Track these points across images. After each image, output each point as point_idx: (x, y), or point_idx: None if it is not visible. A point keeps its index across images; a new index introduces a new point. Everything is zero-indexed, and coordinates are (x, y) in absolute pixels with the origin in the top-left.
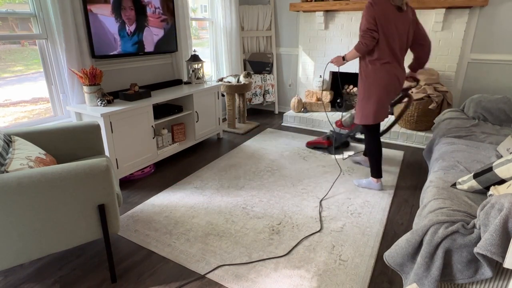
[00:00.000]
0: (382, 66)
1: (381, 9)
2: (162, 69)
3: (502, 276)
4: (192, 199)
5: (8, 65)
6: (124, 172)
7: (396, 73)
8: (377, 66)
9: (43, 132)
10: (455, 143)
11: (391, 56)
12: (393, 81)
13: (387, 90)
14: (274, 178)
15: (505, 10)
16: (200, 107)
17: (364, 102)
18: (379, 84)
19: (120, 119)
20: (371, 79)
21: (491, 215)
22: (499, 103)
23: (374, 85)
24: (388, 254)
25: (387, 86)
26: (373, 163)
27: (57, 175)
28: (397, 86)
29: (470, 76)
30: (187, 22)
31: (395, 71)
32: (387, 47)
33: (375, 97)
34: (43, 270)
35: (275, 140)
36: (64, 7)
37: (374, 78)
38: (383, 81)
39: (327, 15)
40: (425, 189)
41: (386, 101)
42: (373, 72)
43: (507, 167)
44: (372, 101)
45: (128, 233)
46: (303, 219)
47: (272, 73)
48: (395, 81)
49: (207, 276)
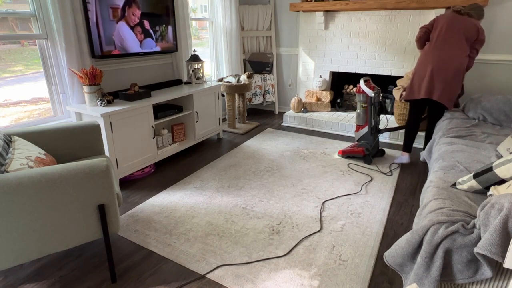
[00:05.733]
0: (424, 55)
1: (442, 16)
2: (162, 69)
3: (502, 276)
4: (192, 199)
5: (8, 65)
6: (124, 172)
7: (433, 63)
8: (422, 54)
9: (43, 132)
10: (455, 143)
11: (438, 46)
12: (423, 68)
13: (417, 72)
14: (274, 178)
15: (505, 10)
16: (200, 107)
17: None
18: (415, 68)
19: (120, 119)
20: (417, 63)
21: (491, 215)
22: (499, 103)
23: (415, 68)
24: (388, 254)
25: (417, 69)
26: (404, 138)
27: (57, 175)
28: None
29: (470, 76)
30: (187, 22)
31: (434, 61)
32: (437, 40)
33: (411, 77)
34: (43, 270)
35: (275, 140)
36: (64, 7)
37: (417, 63)
38: (417, 65)
39: (327, 15)
40: (425, 189)
41: (417, 82)
42: (419, 58)
43: (507, 167)
44: (410, 81)
45: (128, 233)
46: (303, 219)
47: (272, 73)
48: (424, 68)
49: (207, 276)
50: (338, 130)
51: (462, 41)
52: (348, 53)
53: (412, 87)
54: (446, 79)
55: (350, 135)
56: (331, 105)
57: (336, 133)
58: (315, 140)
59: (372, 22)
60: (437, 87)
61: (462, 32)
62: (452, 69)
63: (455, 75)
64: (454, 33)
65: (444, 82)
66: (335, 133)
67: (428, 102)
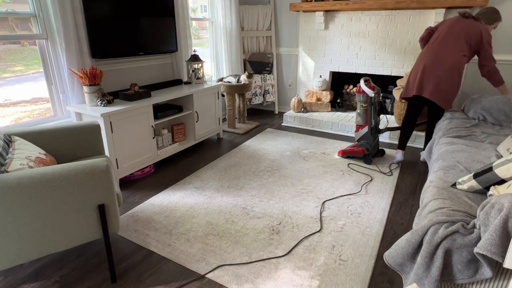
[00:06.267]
0: (421, 52)
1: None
2: (162, 69)
3: (502, 276)
4: (192, 199)
5: (8, 65)
6: (124, 172)
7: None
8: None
9: (43, 132)
10: (455, 143)
11: (435, 45)
12: (417, 66)
13: (413, 71)
14: (274, 178)
15: (505, 10)
16: (200, 107)
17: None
18: (412, 67)
19: (120, 119)
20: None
21: (491, 215)
22: (499, 103)
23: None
24: (388, 254)
25: (413, 67)
26: (399, 135)
27: (57, 175)
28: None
29: (470, 76)
30: (187, 22)
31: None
32: (436, 39)
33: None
34: (43, 270)
35: (275, 140)
36: (64, 7)
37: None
38: (414, 63)
39: (327, 15)
40: (425, 189)
41: (412, 79)
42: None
43: (507, 167)
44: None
45: (128, 233)
46: (303, 219)
47: (272, 73)
48: (418, 67)
49: (207, 276)
50: (338, 130)
51: (460, 43)
52: (348, 53)
53: (408, 85)
54: (437, 75)
55: (350, 135)
56: (331, 105)
57: (336, 133)
58: (315, 140)
59: (372, 22)
60: (427, 84)
61: (462, 35)
62: (445, 67)
63: (448, 72)
64: (453, 35)
65: (436, 78)
66: (335, 133)
67: (426, 102)
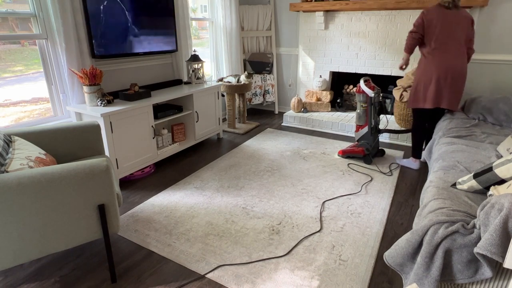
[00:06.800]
0: (425, 59)
1: (431, 15)
2: (162, 69)
3: (502, 276)
4: (192, 199)
5: (8, 65)
6: (124, 172)
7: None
8: (422, 59)
9: (43, 132)
10: (455, 143)
11: (438, 50)
12: (428, 75)
13: (422, 80)
14: (274, 178)
15: (505, 10)
16: (200, 107)
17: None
18: (418, 74)
19: (120, 119)
20: (419, 69)
21: (491, 215)
22: (499, 103)
23: (417, 74)
24: (388, 254)
25: (421, 76)
26: (413, 144)
27: (57, 175)
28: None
29: (470, 76)
30: (187, 22)
31: (439, 71)
32: (435, 43)
33: (414, 84)
34: (43, 270)
35: (275, 140)
36: (64, 7)
37: (419, 68)
38: (420, 71)
39: (327, 15)
40: (425, 189)
41: (422, 89)
42: (420, 63)
43: (507, 167)
44: (412, 87)
45: (128, 233)
46: (303, 219)
47: (272, 73)
48: (429, 75)
49: (207, 276)
50: (338, 130)
51: (462, 44)
52: (348, 53)
53: (417, 94)
54: (452, 85)
55: (350, 135)
56: (331, 105)
57: (336, 133)
58: (315, 140)
59: (372, 22)
60: (445, 95)
61: (459, 29)
62: (457, 74)
63: (460, 78)
64: (451, 32)
65: (452, 88)
66: (335, 133)
67: (437, 108)
